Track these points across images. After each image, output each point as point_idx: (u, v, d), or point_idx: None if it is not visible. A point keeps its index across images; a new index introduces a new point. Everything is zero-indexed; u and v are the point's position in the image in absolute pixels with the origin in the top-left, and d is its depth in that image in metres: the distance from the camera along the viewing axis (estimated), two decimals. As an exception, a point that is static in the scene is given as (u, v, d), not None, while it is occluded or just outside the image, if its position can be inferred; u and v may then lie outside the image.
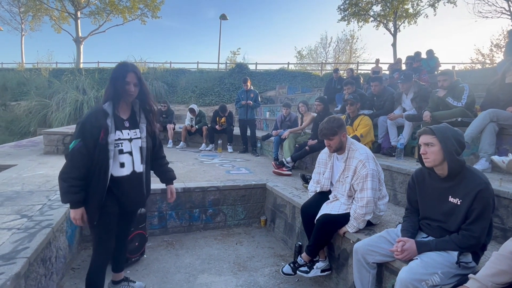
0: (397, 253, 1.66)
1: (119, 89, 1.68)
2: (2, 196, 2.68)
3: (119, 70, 1.69)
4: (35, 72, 15.53)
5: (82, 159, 1.59)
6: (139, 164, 1.80)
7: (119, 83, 1.68)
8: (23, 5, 20.65)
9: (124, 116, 1.77)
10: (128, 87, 1.69)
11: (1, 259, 1.59)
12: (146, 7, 20.09)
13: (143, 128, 1.81)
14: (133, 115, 1.81)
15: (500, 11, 16.43)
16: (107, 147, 1.64)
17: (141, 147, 1.81)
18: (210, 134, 6.70)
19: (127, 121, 1.77)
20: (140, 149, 1.81)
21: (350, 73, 8.35)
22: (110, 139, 1.65)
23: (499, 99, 3.11)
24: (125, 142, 1.74)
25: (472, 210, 1.51)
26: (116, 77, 1.68)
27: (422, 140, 1.65)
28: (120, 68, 1.70)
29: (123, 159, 1.73)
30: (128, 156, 1.75)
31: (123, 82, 1.68)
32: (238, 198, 3.68)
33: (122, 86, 1.68)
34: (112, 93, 1.69)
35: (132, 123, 1.79)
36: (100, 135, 1.61)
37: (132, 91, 1.71)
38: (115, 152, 1.69)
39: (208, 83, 15.20)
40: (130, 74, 1.70)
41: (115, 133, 1.68)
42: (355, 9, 18.80)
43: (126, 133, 1.75)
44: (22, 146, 5.92)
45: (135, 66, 1.74)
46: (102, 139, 1.62)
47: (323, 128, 2.26)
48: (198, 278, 2.50)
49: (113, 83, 1.69)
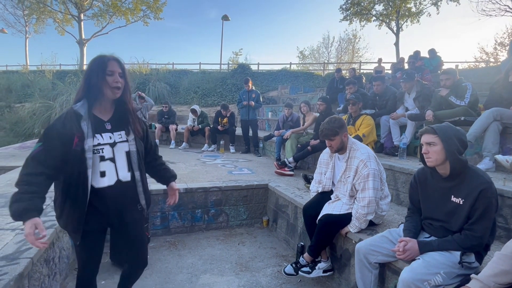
0: (399, 253, 1.65)
1: (98, 83, 1.37)
2: (6, 197, 2.71)
3: (96, 60, 1.39)
4: (39, 74, 15.67)
5: (37, 166, 1.28)
6: (125, 171, 1.48)
7: (98, 76, 1.37)
8: (27, 8, 20.85)
9: (104, 117, 1.45)
10: (113, 78, 1.38)
11: (5, 259, 1.61)
12: (149, 9, 20.22)
13: (130, 130, 1.51)
14: (117, 114, 1.49)
15: (504, 9, 16.29)
16: (83, 155, 1.34)
17: (128, 151, 1.49)
18: (212, 134, 6.72)
19: (108, 123, 1.45)
20: (127, 154, 1.49)
21: (352, 73, 8.33)
22: (87, 145, 1.34)
23: (503, 98, 3.08)
24: (106, 147, 1.42)
25: (475, 210, 1.49)
26: (93, 69, 1.38)
27: (424, 139, 1.64)
28: (98, 59, 1.39)
29: (104, 167, 1.41)
30: (110, 163, 1.43)
31: (103, 73, 1.36)
32: (240, 199, 3.68)
33: (102, 78, 1.37)
34: (86, 89, 1.39)
35: (116, 125, 1.47)
36: (73, 141, 1.32)
37: (119, 82, 1.40)
38: (94, 160, 1.38)
39: (210, 84, 15.23)
40: (112, 63, 1.39)
41: (93, 138, 1.37)
42: (357, 8, 18.73)
43: (108, 136, 1.43)
44: (27, 147, 5.98)
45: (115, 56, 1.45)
46: (76, 145, 1.32)
47: (324, 129, 2.25)
48: (200, 278, 2.50)
49: (89, 77, 1.38)
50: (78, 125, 1.34)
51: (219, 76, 15.90)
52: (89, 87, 1.38)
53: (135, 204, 1.55)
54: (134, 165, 1.51)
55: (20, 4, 20.49)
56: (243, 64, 16.60)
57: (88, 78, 1.38)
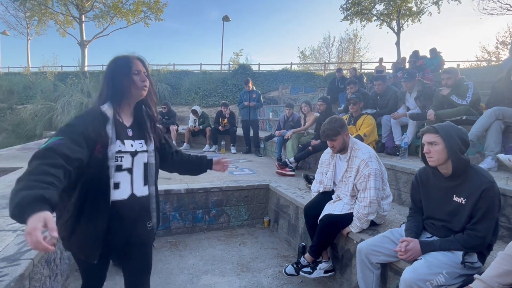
0: (400, 253, 1.64)
1: (124, 84, 1.24)
2: (7, 198, 2.71)
3: (119, 60, 1.27)
4: (41, 75, 15.74)
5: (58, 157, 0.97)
6: (140, 185, 1.31)
7: (123, 77, 1.24)
8: (29, 10, 20.94)
9: (126, 122, 1.30)
10: (139, 78, 1.26)
11: (6, 260, 1.61)
12: (149, 10, 20.26)
13: (151, 139, 1.35)
14: (137, 121, 1.35)
15: (505, 7, 16.23)
16: (106, 163, 1.17)
17: (146, 163, 1.33)
18: (213, 135, 6.72)
19: (130, 129, 1.30)
20: (145, 166, 1.33)
21: (353, 73, 8.32)
22: (111, 152, 1.19)
23: (505, 97, 3.06)
24: (126, 156, 1.25)
25: (477, 209, 1.48)
26: (117, 69, 1.26)
27: (425, 139, 1.63)
28: (121, 58, 1.28)
29: (118, 177, 1.24)
30: (127, 174, 1.26)
31: (129, 72, 1.25)
32: (241, 199, 3.68)
33: (128, 78, 1.24)
34: (112, 90, 1.25)
35: (137, 132, 1.32)
36: (96, 145, 1.14)
37: (145, 83, 1.28)
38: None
39: (211, 85, 15.25)
40: (137, 62, 1.28)
41: (115, 143, 1.22)
42: (358, 8, 18.70)
43: (129, 144, 1.27)
44: (28, 149, 6.00)
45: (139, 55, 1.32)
46: (98, 152, 1.15)
47: (326, 129, 2.24)
48: (201, 279, 2.50)
49: (113, 77, 1.25)
50: (104, 129, 1.18)
51: (220, 77, 15.91)
52: (114, 88, 1.25)
53: (145, 222, 1.36)
54: (150, 179, 1.34)
55: (22, 6, 20.60)
56: (244, 65, 16.61)
57: (112, 79, 1.25)
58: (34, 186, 0.87)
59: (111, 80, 1.25)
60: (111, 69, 1.26)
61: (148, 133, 1.34)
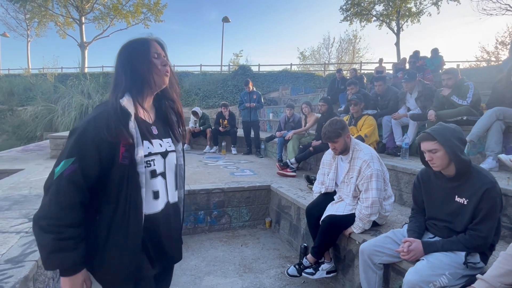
0: (403, 254, 1.64)
1: (144, 70, 1.00)
2: (10, 200, 2.72)
3: (137, 42, 1.03)
4: (41, 77, 15.76)
5: (76, 193, 0.88)
6: (173, 190, 1.13)
7: (143, 61, 1.00)
8: (29, 12, 20.98)
9: (148, 118, 1.07)
10: (160, 61, 1.02)
11: (10, 262, 1.62)
12: (149, 11, 20.30)
13: (178, 137, 1.17)
14: (161, 116, 1.14)
15: (504, 8, 16.26)
16: (135, 169, 0.94)
17: (177, 164, 1.15)
18: (214, 136, 6.73)
19: (154, 126, 1.07)
20: (176, 168, 1.14)
21: (354, 73, 8.33)
22: (139, 155, 0.95)
23: (505, 97, 3.07)
24: (157, 158, 1.04)
25: (479, 209, 1.49)
26: (134, 53, 1.00)
27: (424, 147, 1.61)
28: (139, 40, 1.03)
29: (156, 185, 1.04)
30: (161, 179, 1.06)
31: (148, 56, 1.00)
32: (243, 200, 3.68)
33: (148, 62, 1.00)
34: (131, 79, 0.99)
35: (162, 129, 1.11)
36: (119, 151, 0.92)
37: (167, 67, 1.04)
38: (146, 176, 0.99)
39: (211, 86, 15.27)
40: (155, 44, 1.04)
41: (142, 145, 0.98)
42: (357, 9, 18.74)
43: (158, 143, 1.06)
44: (29, 150, 6.01)
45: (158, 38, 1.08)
46: (123, 158, 0.93)
47: (327, 132, 2.25)
48: (204, 280, 2.50)
49: (131, 63, 1.00)
50: (126, 128, 0.93)
51: (220, 78, 15.94)
52: (134, 76, 0.99)
53: (179, 232, 1.19)
54: (181, 182, 1.19)
55: (22, 8, 20.64)
56: (244, 66, 16.64)
57: (130, 64, 0.99)
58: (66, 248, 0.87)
59: (129, 66, 1.00)
60: (128, 53, 1.01)
61: (175, 130, 1.16)
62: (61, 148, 5.24)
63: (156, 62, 1.02)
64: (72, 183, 0.88)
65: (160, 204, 1.05)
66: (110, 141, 0.91)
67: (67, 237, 0.87)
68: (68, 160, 0.89)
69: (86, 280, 0.94)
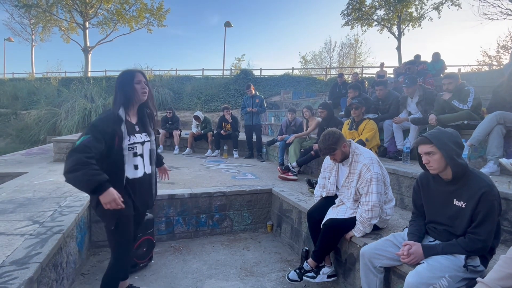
0: (403, 257, 1.65)
1: (130, 92, 1.74)
2: (15, 203, 2.75)
3: (126, 73, 1.77)
4: (45, 81, 15.94)
5: (91, 150, 1.54)
6: (148, 165, 1.89)
7: (129, 86, 1.74)
8: (34, 17, 21.29)
9: (133, 120, 1.83)
10: (140, 86, 1.76)
11: (15, 264, 1.64)
12: (152, 16, 20.54)
13: (151, 131, 1.91)
14: (141, 118, 1.88)
15: (506, 12, 16.31)
16: (121, 153, 1.68)
17: (150, 149, 1.90)
18: (216, 139, 6.75)
19: (137, 126, 1.83)
20: (150, 152, 1.90)
21: (355, 78, 8.37)
22: (124, 144, 1.69)
23: (506, 101, 3.08)
24: (138, 145, 1.80)
25: (477, 213, 1.50)
26: (124, 81, 1.75)
27: (421, 150, 1.64)
28: (127, 72, 1.78)
29: (136, 161, 1.80)
30: (140, 158, 1.82)
31: (132, 83, 1.74)
32: (244, 204, 3.69)
33: (132, 87, 1.74)
34: (123, 97, 1.74)
35: (141, 127, 1.86)
36: (115, 141, 1.65)
37: (146, 90, 1.78)
38: (129, 156, 1.74)
39: (213, 90, 15.36)
40: (138, 74, 1.78)
41: (129, 138, 1.73)
42: (359, 13, 18.87)
43: (139, 136, 1.81)
44: (33, 154, 6.06)
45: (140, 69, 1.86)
46: (117, 144, 1.66)
47: (322, 148, 2.29)
48: (205, 283, 2.51)
49: (122, 87, 1.75)
50: (119, 127, 1.68)
51: (222, 82, 16.03)
52: (124, 95, 1.74)
53: (151, 191, 1.96)
54: (153, 161, 1.94)
55: (27, 13, 20.93)
56: (246, 70, 16.74)
57: (122, 88, 1.75)
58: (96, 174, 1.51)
59: (121, 89, 1.75)
60: (120, 81, 1.77)
61: (149, 127, 1.91)
62: (64, 152, 5.31)
63: (138, 87, 1.77)
64: (89, 146, 1.54)
65: (140, 173, 1.83)
66: (110, 133, 1.64)
67: (94, 168, 1.51)
68: (86, 136, 1.58)
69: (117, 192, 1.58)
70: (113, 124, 1.66)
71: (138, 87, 1.76)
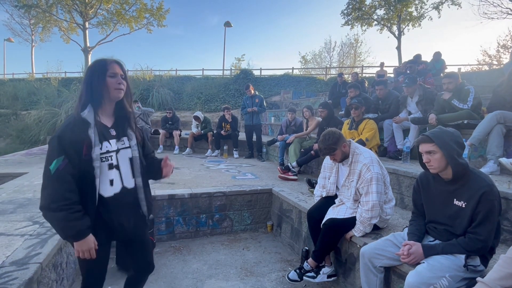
0: (403, 257, 1.65)
1: (100, 86, 1.32)
2: (15, 203, 2.75)
3: (97, 64, 1.35)
4: (45, 81, 15.93)
5: (72, 179, 1.24)
6: (129, 178, 1.45)
7: (99, 79, 1.32)
8: (34, 17, 21.27)
9: (108, 123, 1.40)
10: (115, 80, 1.33)
11: (15, 264, 1.64)
12: (152, 16, 20.49)
13: (132, 135, 1.47)
14: (118, 120, 1.44)
15: (505, 11, 16.27)
16: (91, 164, 1.29)
17: (131, 157, 1.46)
18: (216, 139, 6.75)
19: (112, 129, 1.41)
20: (130, 160, 1.45)
21: (355, 77, 8.37)
22: (95, 153, 1.29)
23: (506, 101, 3.08)
24: (113, 155, 1.39)
25: (477, 213, 1.50)
26: (94, 73, 1.33)
27: (422, 148, 1.64)
28: (98, 61, 1.35)
29: (111, 175, 1.38)
30: (115, 170, 1.40)
31: (104, 75, 1.32)
32: (245, 203, 3.69)
33: (103, 81, 1.32)
34: (90, 94, 1.32)
35: (119, 131, 1.43)
36: (82, 150, 1.27)
37: (122, 84, 1.36)
38: (102, 168, 1.33)
39: (213, 90, 15.35)
40: (113, 65, 1.35)
41: (101, 145, 1.33)
42: (359, 13, 18.82)
43: (114, 143, 1.40)
44: (33, 154, 6.06)
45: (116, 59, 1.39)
46: (85, 154, 1.27)
47: (322, 148, 2.29)
48: (205, 283, 2.51)
49: (91, 81, 1.32)
50: (86, 133, 1.28)
51: (222, 82, 16.02)
52: (92, 91, 1.32)
53: (137, 210, 1.50)
54: (136, 171, 1.47)
55: (27, 13, 20.93)
56: (246, 70, 16.74)
57: (90, 82, 1.32)
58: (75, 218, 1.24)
59: (90, 84, 1.32)
60: (89, 73, 1.33)
61: (127, 130, 1.46)
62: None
63: (111, 82, 1.33)
64: (68, 173, 1.23)
65: (116, 189, 1.39)
66: (77, 142, 1.26)
67: (76, 211, 1.24)
68: (59, 159, 1.23)
69: (94, 240, 1.31)
70: (78, 131, 1.28)
71: (111, 81, 1.33)
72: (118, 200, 1.40)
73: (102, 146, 1.34)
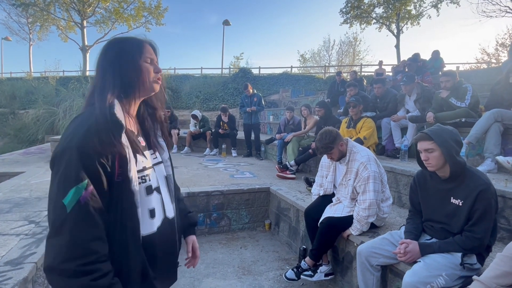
0: (400, 255, 1.65)
1: (134, 75, 0.86)
2: (11, 203, 2.74)
3: (129, 42, 0.89)
4: (43, 80, 15.87)
5: (100, 219, 0.74)
6: (169, 204, 1.00)
7: (133, 64, 0.86)
8: (31, 16, 21.18)
9: (133, 127, 0.92)
10: (153, 68, 0.90)
11: (9, 264, 1.63)
12: (150, 15, 20.46)
13: (164, 146, 1.03)
14: (144, 125, 0.98)
15: (504, 10, 16.29)
16: (129, 187, 0.80)
17: (166, 175, 1.02)
18: (214, 138, 6.75)
19: (140, 137, 0.94)
20: (167, 180, 1.01)
21: (354, 76, 8.36)
22: (132, 172, 0.81)
23: (504, 99, 3.08)
24: (151, 172, 0.92)
25: (474, 211, 1.50)
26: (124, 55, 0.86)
27: (421, 146, 1.63)
28: (131, 41, 0.90)
29: (152, 202, 0.90)
30: (157, 195, 0.93)
31: (138, 59, 0.87)
32: (242, 202, 3.69)
33: (137, 66, 0.87)
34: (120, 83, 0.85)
35: (148, 140, 0.98)
36: (115, 167, 0.78)
37: (159, 75, 0.92)
38: (141, 194, 0.86)
39: (212, 88, 15.33)
40: (149, 48, 0.91)
41: (136, 160, 0.85)
42: (357, 11, 18.82)
43: (148, 156, 0.95)
44: (31, 153, 6.04)
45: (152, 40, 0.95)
46: (118, 175, 0.79)
47: (319, 147, 2.29)
48: (202, 282, 2.50)
49: (119, 63, 0.85)
50: (119, 142, 0.78)
51: (221, 81, 16.00)
52: (123, 81, 0.85)
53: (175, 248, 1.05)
54: (172, 195, 1.03)
55: (24, 12, 20.82)
56: (244, 68, 16.70)
57: (118, 66, 0.85)
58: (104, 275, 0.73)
59: (118, 69, 0.85)
60: (116, 54, 0.86)
61: (157, 139, 1.01)
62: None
63: (149, 68, 0.89)
64: (94, 209, 0.73)
65: (157, 222, 0.91)
66: (107, 156, 0.76)
67: (106, 273, 0.72)
68: (81, 185, 0.72)
69: None
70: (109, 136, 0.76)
71: (149, 69, 0.89)
72: (162, 237, 0.92)
73: (137, 160, 0.85)
